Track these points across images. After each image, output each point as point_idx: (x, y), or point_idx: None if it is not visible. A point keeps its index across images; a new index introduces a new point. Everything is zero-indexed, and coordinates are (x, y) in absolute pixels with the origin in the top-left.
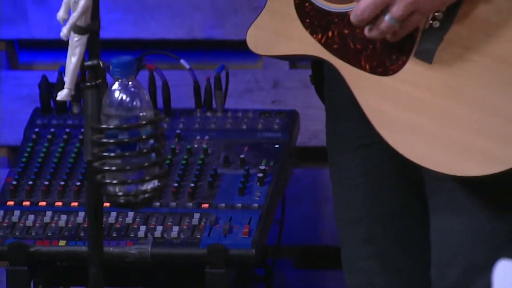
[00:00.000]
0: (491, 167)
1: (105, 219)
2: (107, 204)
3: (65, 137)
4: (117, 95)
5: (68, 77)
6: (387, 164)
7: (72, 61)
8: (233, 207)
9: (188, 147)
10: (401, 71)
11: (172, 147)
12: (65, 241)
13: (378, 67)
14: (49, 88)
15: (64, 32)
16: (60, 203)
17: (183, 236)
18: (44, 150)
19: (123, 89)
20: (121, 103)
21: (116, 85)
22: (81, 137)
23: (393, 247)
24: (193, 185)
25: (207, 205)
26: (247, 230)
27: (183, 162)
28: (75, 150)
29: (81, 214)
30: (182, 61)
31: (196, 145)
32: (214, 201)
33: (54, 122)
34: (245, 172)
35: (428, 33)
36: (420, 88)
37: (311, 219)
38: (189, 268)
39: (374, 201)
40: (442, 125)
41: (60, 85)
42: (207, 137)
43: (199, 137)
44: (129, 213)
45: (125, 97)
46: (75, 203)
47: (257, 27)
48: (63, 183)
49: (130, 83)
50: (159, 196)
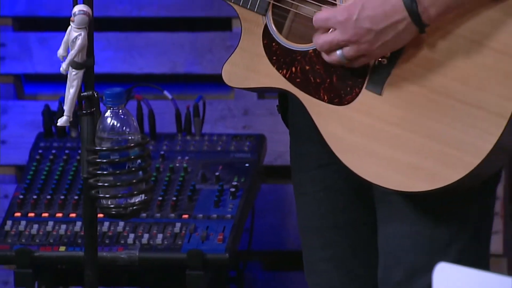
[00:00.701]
0: (433, 184)
1: (99, 228)
2: (100, 215)
3: (65, 157)
4: (109, 121)
5: (67, 106)
6: (342, 181)
7: (70, 92)
8: (209, 217)
9: (170, 166)
10: (355, 101)
11: (157, 166)
12: (65, 247)
13: (335, 98)
14: (50, 115)
15: (63, 67)
16: (60, 214)
17: (166, 242)
18: (46, 169)
19: (115, 116)
20: (112, 128)
21: (108, 113)
22: (78, 157)
23: (347, 252)
24: (175, 198)
25: (187, 216)
26: (222, 237)
27: (166, 179)
28: (73, 168)
29: (78, 223)
30: (165, 92)
31: (177, 164)
32: (193, 212)
33: (55, 144)
34: (219, 187)
35: (377, 69)
36: (371, 116)
37: (276, 228)
38: (172, 270)
39: (330, 213)
40: (390, 148)
41: (60, 113)
42: (187, 158)
43: (180, 158)
44: (119, 223)
45: (116, 123)
46: (73, 214)
47: (231, 64)
48: (63, 197)
49: (120, 111)
50: (145, 208)
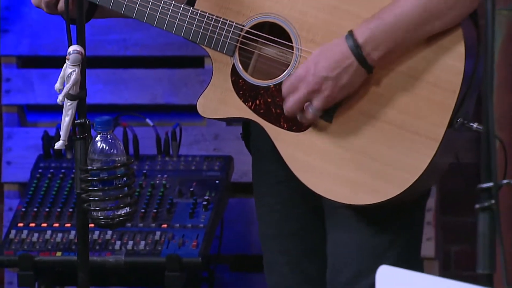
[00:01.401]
0: (375, 198)
1: (90, 236)
2: (91, 225)
3: (61, 176)
4: (99, 145)
5: (63, 132)
6: (297, 195)
7: (66, 120)
8: (185, 226)
9: (151, 183)
10: (310, 129)
11: (140, 183)
12: (61, 253)
13: (293, 126)
14: (49, 140)
15: (60, 98)
16: (57, 224)
17: (148, 248)
18: (45, 185)
19: (104, 140)
20: (102, 151)
21: (98, 137)
22: (72, 175)
23: (301, 256)
24: (155, 210)
25: (166, 225)
26: (195, 243)
27: (148, 194)
28: (68, 185)
29: (73, 232)
30: (147, 120)
31: (157, 182)
32: (171, 222)
33: (53, 165)
34: (193, 201)
35: None
36: (323, 141)
37: (242, 235)
38: (152, 272)
39: (286, 222)
40: (339, 167)
41: (57, 137)
42: (166, 176)
43: (159, 176)
44: (108, 231)
45: (105, 146)
46: (68, 224)
47: (204, 98)
48: (59, 210)
49: (109, 136)
50: (130, 219)
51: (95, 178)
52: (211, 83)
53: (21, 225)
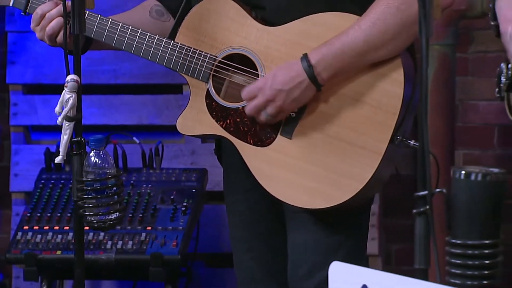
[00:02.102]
0: (329, 203)
1: (85, 237)
2: (86, 227)
3: (61, 186)
4: (93, 159)
5: (62, 148)
6: (262, 201)
7: (64, 138)
8: (166, 229)
9: (138, 191)
10: (273, 144)
11: (128, 191)
12: (61, 251)
13: (258, 142)
14: (50, 155)
15: (59, 120)
16: (57, 227)
17: (135, 247)
18: (47, 194)
19: (97, 155)
20: (95, 164)
21: (92, 153)
22: (70, 186)
23: (266, 254)
24: (141, 215)
25: (150, 228)
26: (175, 243)
27: (135, 201)
28: (67, 194)
29: (71, 234)
30: (134, 138)
31: (143, 191)
32: (154, 225)
33: (53, 176)
34: (174, 207)
35: (288, 120)
36: (284, 154)
37: (215, 236)
38: (139, 268)
39: (253, 225)
40: (297, 177)
41: (57, 153)
42: (150, 185)
43: (145, 186)
44: (100, 233)
45: (98, 161)
46: (67, 227)
47: (183, 118)
48: (59, 215)
49: (101, 152)
50: (119, 222)
51: (89, 188)
52: (189, 105)
53: (26, 228)
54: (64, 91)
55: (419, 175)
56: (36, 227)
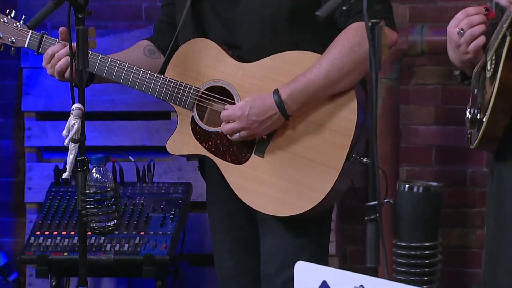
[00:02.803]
0: (295, 211)
1: (88, 241)
2: (89, 232)
3: (67, 197)
4: (95, 175)
5: (68, 166)
6: (239, 210)
7: (70, 157)
8: (157, 233)
9: (133, 202)
10: (248, 162)
11: (124, 202)
12: (67, 253)
13: (235, 160)
14: (59, 172)
15: (66, 142)
16: (64, 232)
17: (130, 249)
18: (56, 204)
19: (98, 172)
20: (96, 179)
21: (94, 170)
22: (75, 197)
23: (242, 254)
24: (135, 222)
25: (143, 233)
26: (165, 245)
27: (130, 210)
28: (73, 204)
29: (76, 238)
30: (130, 157)
31: (137, 201)
32: (147, 231)
33: (61, 189)
34: (163, 215)
35: (260, 142)
36: (257, 170)
37: (199, 240)
38: (133, 267)
39: (231, 230)
40: (268, 189)
41: (64, 170)
42: (143, 197)
43: (139, 197)
44: (101, 237)
45: (99, 176)
46: (73, 232)
47: (171, 140)
48: (66, 222)
49: (101, 168)
50: (117, 228)
51: (91, 199)
52: (176, 129)
53: (38, 233)
54: (70, 118)
55: (370, 187)
56: (46, 232)
